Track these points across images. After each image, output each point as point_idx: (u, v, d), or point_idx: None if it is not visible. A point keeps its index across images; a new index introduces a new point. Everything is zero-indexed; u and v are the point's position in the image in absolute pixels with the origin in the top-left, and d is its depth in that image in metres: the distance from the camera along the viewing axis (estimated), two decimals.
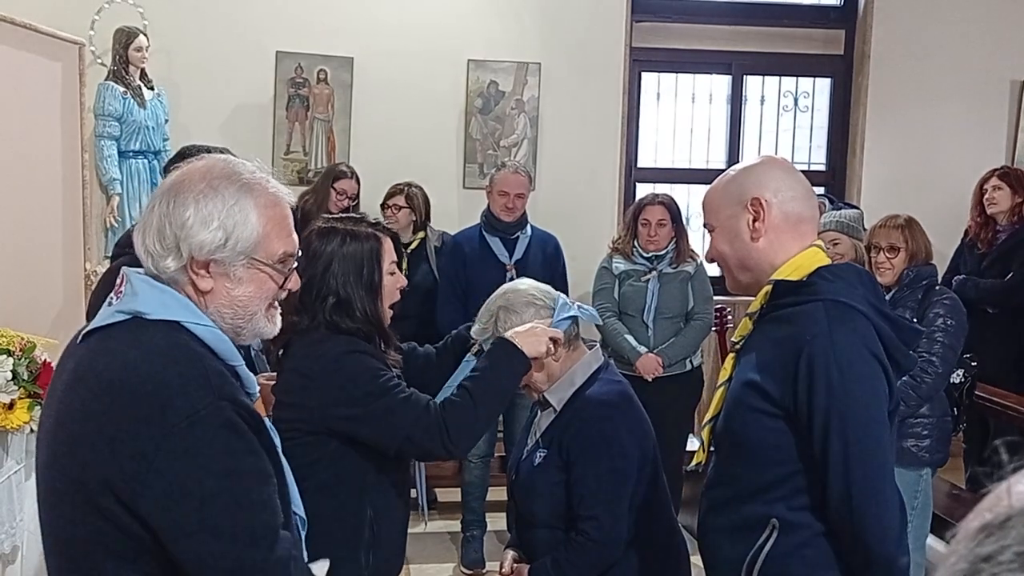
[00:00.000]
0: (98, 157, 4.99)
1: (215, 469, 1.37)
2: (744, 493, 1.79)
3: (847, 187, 6.33)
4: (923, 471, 3.58)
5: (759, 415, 1.74)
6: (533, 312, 2.36)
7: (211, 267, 1.47)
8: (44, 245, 4.61)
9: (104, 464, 1.36)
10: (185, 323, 1.45)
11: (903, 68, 6.14)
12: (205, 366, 1.43)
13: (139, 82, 5.08)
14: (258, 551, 1.39)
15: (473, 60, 5.70)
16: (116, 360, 1.41)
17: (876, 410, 1.70)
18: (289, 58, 5.52)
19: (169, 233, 1.44)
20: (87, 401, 1.41)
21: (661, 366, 4.34)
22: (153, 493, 1.35)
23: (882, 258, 3.62)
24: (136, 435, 1.35)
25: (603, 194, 5.89)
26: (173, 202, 1.45)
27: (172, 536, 1.37)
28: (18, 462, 3.17)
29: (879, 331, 1.72)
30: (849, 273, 1.81)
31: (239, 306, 1.51)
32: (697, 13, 6.18)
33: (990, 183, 4.64)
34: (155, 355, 1.40)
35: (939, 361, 3.49)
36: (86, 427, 1.39)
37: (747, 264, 1.85)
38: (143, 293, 1.45)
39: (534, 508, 2.43)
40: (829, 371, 1.65)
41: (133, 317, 1.44)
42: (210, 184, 1.46)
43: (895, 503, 1.71)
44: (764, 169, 1.87)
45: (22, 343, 3.13)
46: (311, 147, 5.59)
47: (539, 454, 2.41)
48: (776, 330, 1.76)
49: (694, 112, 6.35)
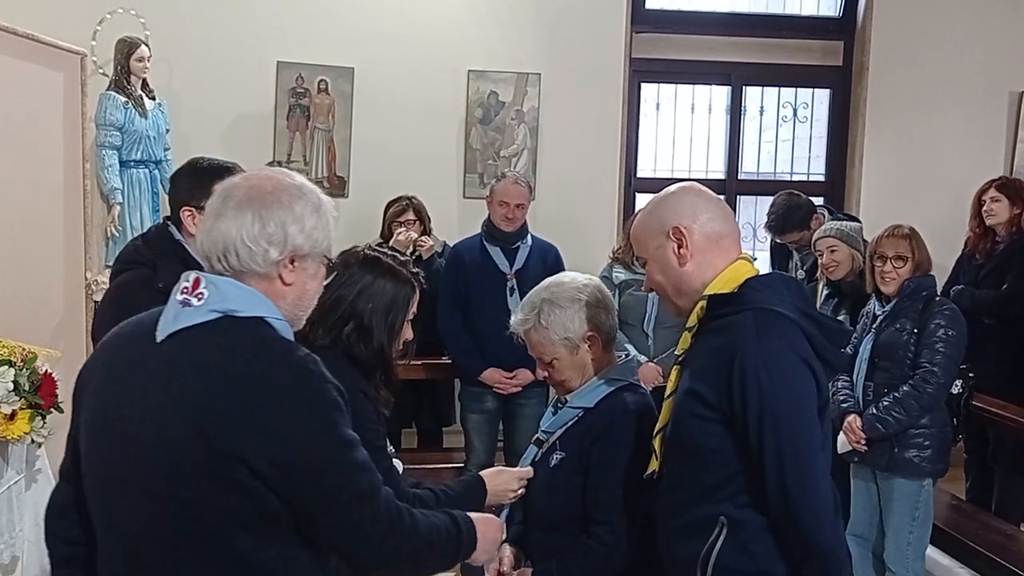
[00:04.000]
0: (99, 166, 5.00)
1: (341, 429, 1.58)
2: (693, 495, 1.89)
3: (846, 197, 6.35)
4: (924, 482, 3.58)
5: (700, 420, 1.86)
6: (577, 308, 2.35)
7: (296, 261, 1.64)
8: (45, 254, 4.61)
9: (252, 436, 1.50)
10: (268, 318, 1.61)
11: (902, 79, 6.16)
12: (308, 354, 1.62)
13: (140, 92, 5.09)
14: (374, 482, 1.63)
15: (473, 70, 5.72)
16: (242, 346, 1.55)
17: (805, 409, 1.81)
18: (290, 68, 5.53)
19: (275, 230, 1.60)
20: (217, 387, 1.52)
21: (661, 376, 4.34)
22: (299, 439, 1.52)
23: (888, 267, 3.62)
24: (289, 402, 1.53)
25: (603, 204, 5.90)
26: (274, 204, 1.62)
27: (315, 473, 1.53)
28: (18, 472, 3.17)
29: (807, 334, 1.85)
30: (776, 282, 1.95)
31: (307, 298, 1.70)
32: (697, 24, 6.21)
33: (988, 194, 4.65)
34: (273, 340, 1.59)
35: (940, 371, 3.49)
36: (226, 409, 1.51)
37: (681, 289, 1.98)
38: (232, 294, 1.59)
39: (546, 510, 2.40)
40: (759, 375, 1.77)
41: (224, 315, 1.57)
42: (297, 187, 1.66)
43: (828, 496, 1.81)
44: (678, 198, 2.01)
45: (23, 354, 3.13)
46: (312, 157, 5.60)
47: (556, 456, 2.39)
48: (712, 340, 1.88)
49: (693, 122, 6.37)
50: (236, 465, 1.50)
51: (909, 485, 3.57)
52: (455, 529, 1.81)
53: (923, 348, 3.53)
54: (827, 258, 4.16)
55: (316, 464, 1.54)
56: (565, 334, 2.35)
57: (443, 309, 4.49)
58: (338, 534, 1.61)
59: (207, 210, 1.66)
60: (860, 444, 3.59)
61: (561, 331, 2.35)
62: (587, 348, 2.37)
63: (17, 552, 3.16)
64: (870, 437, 3.57)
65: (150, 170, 5.16)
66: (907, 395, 3.51)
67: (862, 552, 3.75)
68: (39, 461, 3.30)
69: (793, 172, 6.55)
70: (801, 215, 4.87)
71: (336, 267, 1.83)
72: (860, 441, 3.59)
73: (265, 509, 1.53)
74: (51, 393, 3.17)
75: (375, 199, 5.15)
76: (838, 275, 4.15)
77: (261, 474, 1.51)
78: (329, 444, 1.56)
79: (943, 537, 3.97)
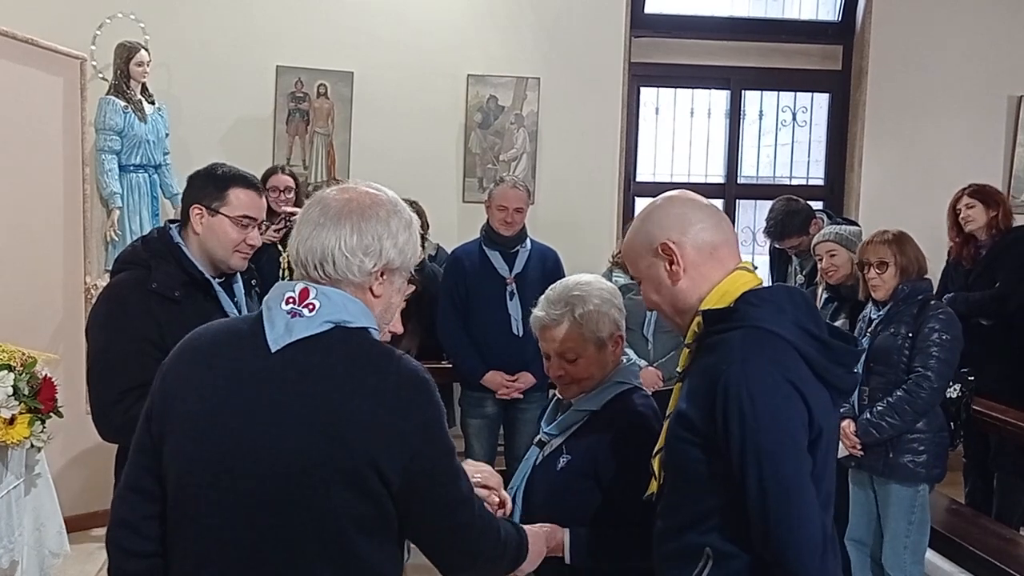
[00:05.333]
0: (99, 171, 5.00)
1: (449, 437, 1.68)
2: (683, 522, 1.79)
3: (845, 201, 6.35)
4: (920, 487, 3.58)
5: (687, 445, 1.74)
6: (608, 308, 2.36)
7: (386, 275, 1.71)
8: (44, 258, 4.62)
9: (383, 439, 1.56)
10: (370, 329, 1.68)
11: (901, 83, 6.18)
12: None
13: (140, 96, 5.10)
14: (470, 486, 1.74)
15: (473, 75, 5.73)
16: (367, 356, 1.62)
17: (790, 441, 1.66)
18: (289, 72, 5.54)
19: (372, 242, 1.67)
20: (351, 396, 1.57)
21: (661, 379, 4.35)
22: (430, 448, 1.60)
23: (872, 274, 3.63)
24: (418, 406, 1.60)
25: (602, 208, 5.91)
26: (372, 217, 1.68)
27: (434, 479, 1.62)
28: (17, 477, 3.17)
29: (805, 355, 1.71)
30: (777, 296, 1.78)
31: (391, 310, 1.77)
32: (696, 28, 6.22)
33: (962, 202, 4.68)
34: (389, 350, 1.66)
35: (934, 376, 3.49)
36: (361, 417, 1.56)
37: (678, 307, 1.86)
38: (344, 305, 1.65)
39: (551, 512, 2.37)
40: (741, 402, 1.64)
41: (336, 327, 1.63)
42: (392, 203, 1.74)
43: (814, 533, 1.67)
44: (664, 211, 1.88)
45: (23, 358, 3.13)
46: (311, 161, 5.61)
47: (563, 459, 2.37)
48: (704, 359, 1.76)
49: (693, 126, 6.38)
50: (369, 472, 1.54)
51: (905, 490, 3.57)
52: (519, 539, 1.95)
53: (917, 352, 3.53)
54: (826, 262, 4.16)
55: (437, 470, 1.62)
56: (598, 332, 2.35)
57: (443, 313, 4.50)
58: (444, 536, 1.70)
59: (302, 218, 1.69)
60: (856, 449, 3.59)
61: (595, 328, 2.35)
62: (612, 349, 2.37)
63: (16, 556, 3.15)
64: (865, 442, 3.57)
65: (149, 174, 5.16)
66: (901, 400, 3.50)
67: (861, 557, 3.75)
68: (38, 466, 3.30)
69: (792, 176, 6.56)
70: (800, 220, 4.88)
71: (414, 281, 1.86)
72: (855, 447, 3.59)
73: (386, 514, 1.59)
74: (50, 397, 3.17)
75: None
76: (837, 279, 4.15)
77: (389, 481, 1.56)
78: (445, 451, 1.64)
79: (943, 541, 3.97)
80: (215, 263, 2.58)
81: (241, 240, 2.56)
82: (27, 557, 3.22)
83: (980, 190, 4.66)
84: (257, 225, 2.61)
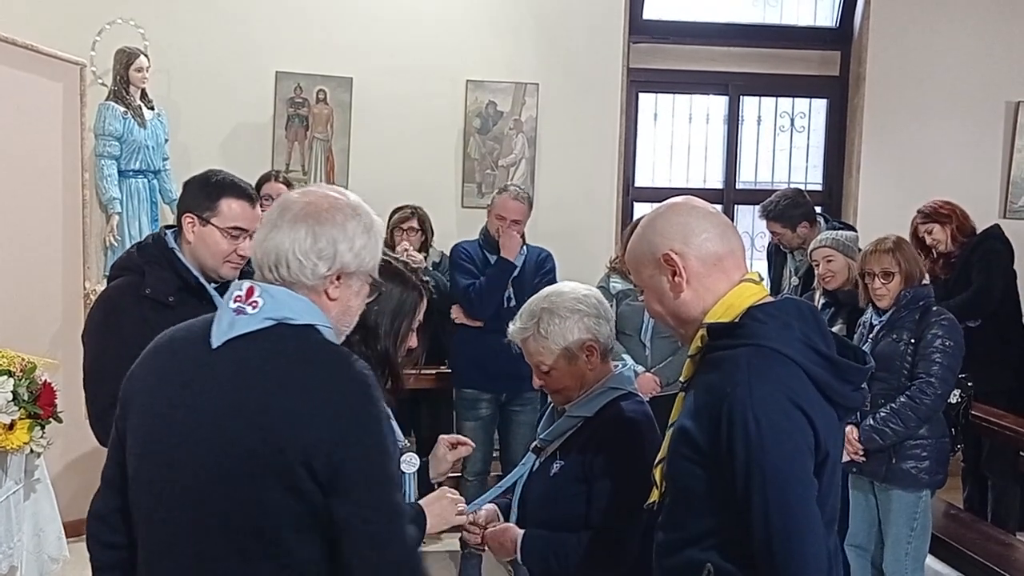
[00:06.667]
0: (98, 176, 5.01)
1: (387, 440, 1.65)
2: (683, 538, 1.76)
3: (843, 207, 6.36)
4: (922, 493, 3.58)
5: (689, 463, 1.72)
6: (576, 318, 2.34)
7: (343, 278, 1.70)
8: (44, 264, 4.62)
9: (312, 434, 1.54)
10: (318, 326, 1.66)
11: (899, 89, 6.19)
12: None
13: (139, 102, 5.10)
14: (401, 503, 1.70)
15: (472, 80, 5.74)
16: (303, 352, 1.62)
17: (796, 465, 1.64)
18: (288, 78, 5.55)
19: (326, 246, 1.67)
20: (282, 391, 1.57)
21: (658, 385, 4.35)
22: (359, 448, 1.57)
23: (878, 284, 3.62)
24: (350, 404, 1.59)
25: (601, 213, 5.91)
26: (327, 221, 1.68)
27: (363, 486, 1.57)
28: (17, 482, 3.17)
29: (811, 375, 1.67)
30: (785, 311, 1.73)
31: (350, 314, 1.76)
32: (694, 34, 6.23)
33: (923, 229, 4.77)
34: (331, 346, 1.66)
35: (938, 382, 3.50)
36: (293, 413, 1.56)
37: (681, 318, 1.81)
38: (287, 302, 1.65)
39: (545, 518, 2.38)
40: (747, 424, 1.61)
41: (278, 323, 1.63)
42: (352, 206, 1.73)
43: (818, 557, 1.64)
44: (667, 219, 1.81)
45: (22, 364, 3.13)
46: (310, 166, 5.62)
47: (556, 465, 2.38)
48: (708, 376, 1.72)
49: (691, 132, 6.39)
50: (299, 469, 1.54)
51: (907, 496, 3.57)
52: (420, 536, 2.00)
53: (920, 359, 3.53)
54: (823, 268, 4.17)
55: (364, 471, 1.59)
56: (564, 343, 2.34)
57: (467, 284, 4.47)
58: (360, 542, 1.61)
59: (264, 220, 1.72)
60: (858, 455, 3.59)
61: (560, 340, 2.34)
62: (585, 358, 2.36)
63: (15, 562, 3.15)
64: (867, 448, 3.57)
65: (149, 180, 5.17)
66: (904, 406, 3.51)
67: (861, 563, 3.75)
68: (38, 471, 3.30)
69: (791, 182, 6.54)
70: (799, 213, 4.84)
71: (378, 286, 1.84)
72: (857, 452, 3.59)
73: (317, 511, 1.57)
74: (50, 403, 3.18)
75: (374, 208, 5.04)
76: (834, 285, 4.15)
77: (319, 478, 1.55)
78: (377, 452, 1.61)
79: (941, 546, 3.97)
80: (206, 271, 2.59)
81: (231, 251, 2.54)
82: (26, 562, 3.22)
83: (930, 214, 4.79)
84: (249, 235, 2.58)
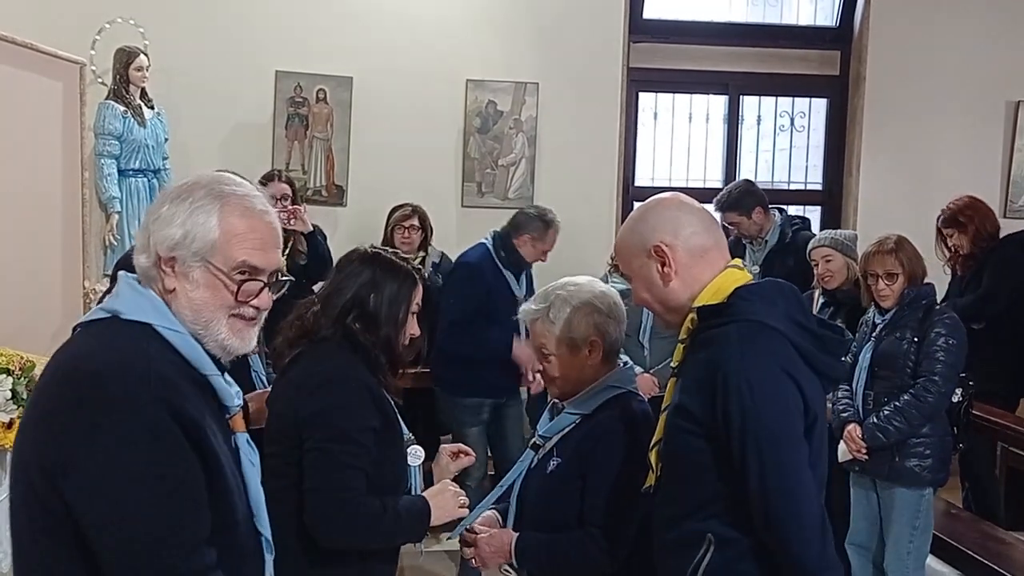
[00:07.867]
0: (98, 176, 5.01)
1: (135, 467, 1.42)
2: (684, 511, 1.85)
3: (843, 206, 6.37)
4: (925, 491, 3.59)
5: (689, 436, 1.81)
6: (587, 311, 2.35)
7: (175, 266, 1.55)
8: (43, 263, 4.62)
9: (40, 445, 1.44)
10: (157, 327, 1.53)
11: (898, 88, 6.19)
12: (151, 367, 1.47)
13: (139, 101, 5.10)
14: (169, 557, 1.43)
15: (472, 80, 5.74)
16: (74, 350, 1.53)
17: (788, 427, 1.75)
18: (288, 77, 5.55)
19: (144, 233, 1.56)
20: (39, 388, 1.53)
21: (657, 386, 4.34)
22: (78, 479, 1.41)
23: (881, 285, 3.62)
24: (69, 417, 1.42)
25: (601, 213, 5.91)
26: (156, 204, 1.59)
27: (92, 525, 1.42)
28: None
29: (797, 346, 1.79)
30: (768, 290, 1.87)
31: (195, 310, 1.56)
32: (694, 34, 6.23)
33: (945, 231, 4.74)
34: (108, 348, 1.49)
35: (941, 380, 3.50)
36: (32, 412, 1.51)
37: (669, 306, 1.93)
38: (124, 295, 1.56)
39: (542, 515, 2.39)
40: (740, 391, 1.72)
41: (112, 316, 1.54)
42: (188, 188, 1.57)
43: (814, 516, 1.75)
44: (657, 213, 1.94)
45: (21, 362, 3.14)
46: (310, 166, 5.62)
47: (553, 462, 2.39)
48: (700, 353, 1.83)
49: (691, 131, 6.39)
50: (34, 473, 1.44)
51: (910, 494, 3.57)
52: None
53: (923, 357, 3.53)
54: (822, 268, 4.17)
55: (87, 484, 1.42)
56: (570, 333, 2.35)
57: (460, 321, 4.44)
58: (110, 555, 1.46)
59: None
60: (860, 453, 3.59)
61: (566, 329, 2.35)
62: (587, 353, 2.37)
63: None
64: (870, 446, 3.57)
65: (148, 179, 5.17)
66: (908, 404, 3.51)
67: (862, 561, 3.75)
68: None
69: (791, 181, 6.57)
70: (751, 201, 4.92)
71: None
72: (860, 450, 3.59)
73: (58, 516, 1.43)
74: None
75: (374, 208, 5.16)
76: (833, 285, 4.16)
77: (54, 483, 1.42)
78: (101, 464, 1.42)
79: (940, 545, 3.96)
80: None
81: None
82: None
83: (949, 218, 4.74)
84: None
